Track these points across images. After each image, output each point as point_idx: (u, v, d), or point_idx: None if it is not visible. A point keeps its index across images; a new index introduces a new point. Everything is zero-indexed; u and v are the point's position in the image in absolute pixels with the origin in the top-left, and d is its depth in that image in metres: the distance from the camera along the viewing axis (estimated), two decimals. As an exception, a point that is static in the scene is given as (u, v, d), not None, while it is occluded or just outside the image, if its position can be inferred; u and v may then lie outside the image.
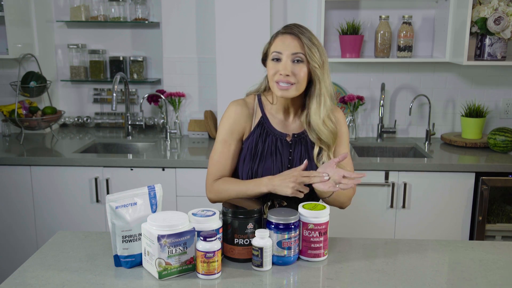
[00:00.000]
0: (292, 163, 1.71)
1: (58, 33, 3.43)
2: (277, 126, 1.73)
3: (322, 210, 1.54)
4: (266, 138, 1.71)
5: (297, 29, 1.64)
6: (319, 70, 1.63)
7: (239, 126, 1.72)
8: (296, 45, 1.62)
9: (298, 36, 1.62)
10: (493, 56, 2.92)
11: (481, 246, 1.69)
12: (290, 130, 1.73)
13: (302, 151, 1.71)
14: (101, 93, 3.48)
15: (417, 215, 2.78)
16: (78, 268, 1.51)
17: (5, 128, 3.31)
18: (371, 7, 3.19)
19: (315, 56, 1.61)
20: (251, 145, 1.71)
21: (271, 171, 1.68)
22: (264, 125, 1.72)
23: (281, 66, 1.62)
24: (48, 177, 2.79)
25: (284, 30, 1.66)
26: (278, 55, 1.63)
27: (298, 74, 1.62)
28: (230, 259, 1.55)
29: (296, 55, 1.62)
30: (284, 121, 1.74)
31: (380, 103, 3.16)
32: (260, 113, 1.74)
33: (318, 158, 1.70)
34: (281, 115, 1.74)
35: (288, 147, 1.71)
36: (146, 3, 3.31)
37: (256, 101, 1.76)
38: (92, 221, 2.82)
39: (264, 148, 1.70)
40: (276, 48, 1.64)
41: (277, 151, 1.70)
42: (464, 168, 2.72)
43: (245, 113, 1.73)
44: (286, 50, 1.62)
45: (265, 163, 1.69)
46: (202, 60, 3.29)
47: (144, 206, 1.52)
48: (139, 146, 3.23)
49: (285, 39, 1.63)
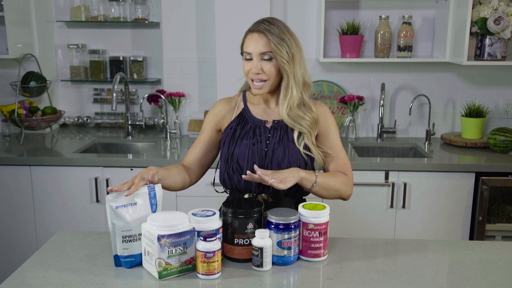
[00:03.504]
0: (269, 146, 1.75)
1: (58, 33, 3.43)
2: (258, 115, 1.80)
3: (322, 210, 1.54)
4: (245, 125, 1.79)
5: (264, 26, 1.68)
6: (287, 65, 1.68)
7: (218, 118, 1.83)
8: (263, 44, 1.67)
9: (265, 33, 1.67)
10: (493, 56, 2.92)
11: (481, 246, 1.69)
12: (271, 117, 1.80)
13: (281, 135, 1.76)
14: (101, 93, 3.48)
15: (417, 215, 2.78)
16: (78, 268, 1.51)
17: (5, 128, 3.31)
18: (371, 7, 3.19)
19: (282, 52, 1.66)
20: (230, 131, 1.79)
21: (246, 153, 1.74)
22: (244, 115, 1.81)
23: (252, 65, 1.70)
24: (48, 177, 2.79)
25: (252, 28, 1.71)
26: (249, 55, 1.71)
27: (268, 71, 1.69)
28: (230, 259, 1.55)
29: (264, 54, 1.68)
30: (267, 109, 1.82)
31: (380, 103, 3.16)
32: (242, 106, 1.83)
33: (298, 141, 1.75)
34: (262, 104, 1.82)
35: (267, 132, 1.77)
36: (146, 3, 3.31)
37: (240, 96, 1.86)
38: (92, 221, 2.82)
39: (242, 133, 1.78)
40: (247, 49, 1.70)
41: (255, 136, 1.76)
42: (464, 168, 2.72)
43: (227, 108, 1.84)
44: (254, 50, 1.68)
45: (240, 145, 1.75)
46: (202, 60, 3.29)
47: (144, 206, 1.52)
48: (139, 146, 3.23)
49: (253, 37, 1.69)
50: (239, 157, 1.74)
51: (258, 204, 1.58)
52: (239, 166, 1.74)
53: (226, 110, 1.83)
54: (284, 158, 1.72)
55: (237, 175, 1.74)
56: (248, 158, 1.73)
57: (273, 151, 1.73)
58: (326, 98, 3.29)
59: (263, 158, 1.73)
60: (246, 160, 1.73)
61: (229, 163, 1.76)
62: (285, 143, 1.74)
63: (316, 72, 3.28)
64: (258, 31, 1.68)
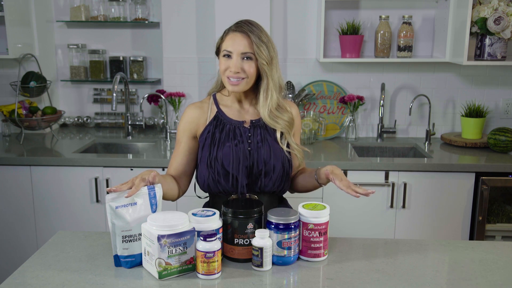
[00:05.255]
0: (252, 145, 1.77)
1: (58, 33, 3.43)
2: (233, 116, 1.81)
3: (322, 210, 1.54)
4: (223, 128, 1.79)
5: (247, 27, 1.72)
6: (267, 67, 1.72)
7: (192, 125, 1.81)
8: (245, 44, 1.70)
9: (248, 34, 1.70)
10: (493, 56, 2.92)
11: (481, 246, 1.69)
12: (248, 117, 1.81)
13: (262, 134, 1.78)
14: (101, 93, 3.48)
15: (417, 215, 2.78)
16: (78, 268, 1.51)
17: (5, 128, 3.31)
18: (371, 7, 3.19)
19: (263, 54, 1.70)
20: (208, 135, 1.78)
21: (230, 155, 1.74)
22: (219, 117, 1.80)
23: (232, 64, 1.71)
24: (48, 177, 2.79)
25: (235, 28, 1.74)
26: (229, 53, 1.72)
27: (248, 70, 1.72)
28: (230, 259, 1.55)
29: (245, 54, 1.70)
30: (241, 110, 1.82)
31: (380, 103, 3.16)
32: (215, 109, 1.82)
33: (282, 141, 1.79)
34: (236, 105, 1.83)
35: (246, 132, 1.78)
36: (146, 3, 3.31)
37: (211, 100, 1.85)
38: (92, 221, 2.82)
39: (222, 136, 1.77)
40: (227, 47, 1.72)
41: (235, 137, 1.77)
42: (464, 168, 2.72)
43: (198, 113, 1.82)
44: (236, 49, 1.71)
45: (223, 148, 1.75)
46: (202, 60, 3.29)
47: (144, 206, 1.52)
48: (139, 146, 3.23)
49: (235, 37, 1.71)
50: (224, 159, 1.74)
51: (258, 204, 1.58)
52: (224, 169, 1.74)
53: (198, 114, 1.81)
54: (270, 156, 1.75)
55: (223, 178, 1.75)
56: (232, 160, 1.74)
57: (257, 149, 1.76)
58: (326, 98, 3.29)
59: (247, 158, 1.75)
60: (231, 162, 1.74)
61: (213, 167, 1.75)
62: (269, 141, 1.77)
63: (316, 72, 3.28)
64: (242, 32, 1.71)
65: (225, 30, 1.77)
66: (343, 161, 2.75)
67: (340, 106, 3.29)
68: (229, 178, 1.74)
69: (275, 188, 1.79)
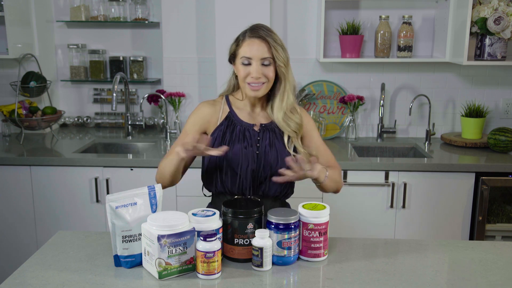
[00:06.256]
0: (260, 149, 1.78)
1: (58, 33, 3.43)
2: (244, 118, 1.82)
3: (322, 210, 1.54)
4: (234, 128, 1.79)
5: (264, 32, 1.73)
6: (284, 69, 1.74)
7: (203, 121, 1.82)
8: (264, 50, 1.71)
9: (266, 39, 1.71)
10: (493, 56, 2.92)
11: (481, 246, 1.70)
12: (258, 120, 1.82)
13: (270, 138, 1.79)
14: (101, 93, 3.48)
15: (417, 215, 2.78)
16: (78, 268, 1.51)
17: (5, 128, 3.31)
18: (371, 7, 3.19)
19: (281, 56, 1.72)
20: (219, 134, 1.79)
21: (239, 155, 1.75)
22: (231, 118, 1.81)
23: (253, 70, 1.71)
24: (48, 177, 2.79)
25: (251, 34, 1.73)
26: (248, 60, 1.72)
27: (268, 75, 1.73)
28: (230, 259, 1.55)
29: (265, 59, 1.71)
30: (252, 113, 1.83)
31: (380, 103, 3.16)
32: (227, 109, 1.84)
33: (288, 145, 1.80)
34: (248, 108, 1.84)
35: (256, 135, 1.79)
36: (146, 3, 3.31)
37: (223, 100, 1.86)
38: (92, 221, 2.82)
39: (232, 136, 1.78)
40: (246, 54, 1.72)
41: (245, 139, 1.78)
42: (464, 168, 2.72)
43: (211, 110, 1.83)
44: (255, 55, 1.71)
45: (233, 148, 1.76)
46: (202, 60, 3.29)
47: (144, 206, 1.52)
48: (139, 146, 3.23)
49: (253, 43, 1.72)
50: (233, 160, 1.75)
51: (258, 204, 1.58)
52: (232, 170, 1.75)
53: (211, 112, 1.82)
54: (277, 161, 1.76)
55: (230, 179, 1.76)
56: (241, 162, 1.75)
57: (265, 154, 1.76)
58: (326, 98, 3.29)
59: (255, 161, 1.76)
60: (239, 163, 1.75)
61: (221, 166, 1.77)
62: (277, 146, 1.78)
63: (316, 72, 3.28)
64: (259, 37, 1.71)
65: (238, 35, 1.77)
66: (343, 161, 2.75)
67: (340, 106, 3.29)
68: (236, 179, 1.76)
69: (278, 193, 1.80)
